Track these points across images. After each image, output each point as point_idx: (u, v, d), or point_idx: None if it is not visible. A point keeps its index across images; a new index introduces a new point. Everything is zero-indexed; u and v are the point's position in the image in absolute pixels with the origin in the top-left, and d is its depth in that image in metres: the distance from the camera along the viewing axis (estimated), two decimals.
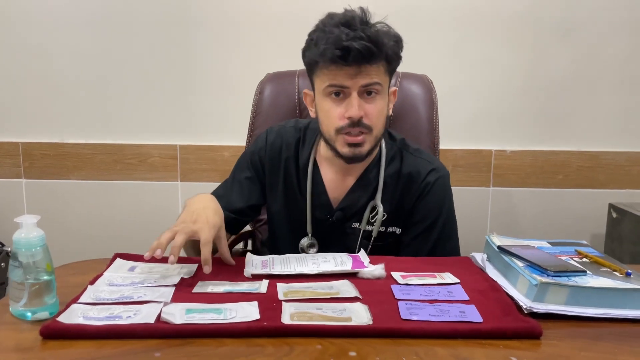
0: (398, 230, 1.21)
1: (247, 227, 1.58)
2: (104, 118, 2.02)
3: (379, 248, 1.19)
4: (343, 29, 1.04)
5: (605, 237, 1.93)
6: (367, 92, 1.09)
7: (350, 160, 1.14)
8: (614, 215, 1.87)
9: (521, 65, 1.95)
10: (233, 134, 1.93)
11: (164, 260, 1.03)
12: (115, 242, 1.98)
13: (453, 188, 1.25)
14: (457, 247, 1.23)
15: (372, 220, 1.19)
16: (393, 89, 1.18)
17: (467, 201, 2.00)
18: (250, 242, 1.58)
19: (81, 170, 2.04)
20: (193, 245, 1.04)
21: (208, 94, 1.99)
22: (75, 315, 0.79)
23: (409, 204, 1.19)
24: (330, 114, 1.11)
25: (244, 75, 1.92)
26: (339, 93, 1.09)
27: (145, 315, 0.79)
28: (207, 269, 0.92)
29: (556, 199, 2.02)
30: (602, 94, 1.97)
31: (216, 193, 1.24)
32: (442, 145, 1.47)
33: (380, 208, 1.18)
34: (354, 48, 1.03)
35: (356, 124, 1.09)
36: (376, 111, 1.10)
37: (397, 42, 1.10)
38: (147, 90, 2.00)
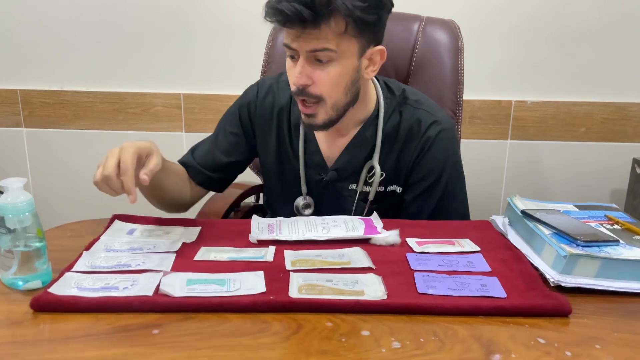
0: (399, 189, 1.13)
1: (259, 181, 1.52)
2: (104, 65, 1.92)
3: (378, 210, 1.09)
4: None
5: (627, 193, 1.85)
6: (316, 58, 0.95)
7: (308, 128, 1.05)
8: (638, 170, 1.78)
9: (546, 10, 1.81)
10: (241, 83, 1.81)
11: (165, 222, 0.98)
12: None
13: (469, 141, 1.17)
14: (463, 206, 1.15)
15: (370, 181, 1.11)
16: (377, 48, 1.01)
17: (483, 154, 1.92)
18: (262, 195, 1.51)
19: (81, 120, 1.96)
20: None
21: (213, 39, 1.88)
22: (69, 286, 0.73)
23: (409, 161, 1.10)
24: (289, 76, 1.01)
25: (253, 18, 1.79)
26: (293, 55, 0.98)
27: (143, 287, 0.74)
28: (131, 199, 0.83)
29: (577, 153, 1.93)
30: (630, 42, 1.84)
31: (201, 148, 1.17)
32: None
33: (378, 169, 1.09)
34: (283, 11, 0.89)
35: (301, 92, 0.98)
36: (327, 79, 0.97)
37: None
38: (149, 35, 1.88)
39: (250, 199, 1.50)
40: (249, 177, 1.54)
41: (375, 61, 1.03)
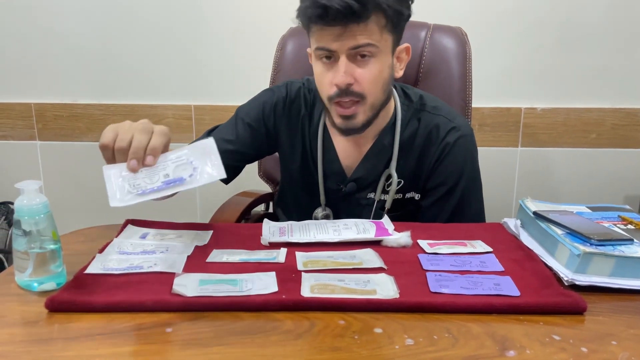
0: (417, 196, 1.12)
1: (268, 189, 1.53)
2: (115, 77, 1.95)
3: (397, 218, 1.08)
4: None
5: None
6: (359, 54, 0.97)
7: (345, 132, 1.04)
8: None
9: (554, 16, 1.82)
10: (250, 93, 1.84)
11: (178, 226, 0.99)
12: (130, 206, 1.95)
13: (479, 148, 1.16)
14: (480, 213, 1.15)
15: (388, 189, 1.11)
16: (404, 46, 1.04)
17: (493, 162, 1.92)
18: (271, 204, 1.53)
19: (94, 132, 1.99)
20: None
21: (223, 51, 1.90)
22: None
23: (427, 168, 1.10)
24: (322, 80, 1.01)
25: (262, 30, 1.83)
26: (330, 56, 0.98)
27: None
28: (150, 160, 0.80)
29: (589, 159, 1.92)
30: (639, 47, 1.84)
31: (219, 135, 1.12)
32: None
33: (395, 178, 1.09)
34: (332, 6, 0.90)
35: (345, 92, 0.98)
36: (369, 76, 0.98)
37: None
38: (159, 48, 1.92)
39: (260, 207, 1.51)
40: (258, 185, 1.55)
41: (403, 59, 1.06)
